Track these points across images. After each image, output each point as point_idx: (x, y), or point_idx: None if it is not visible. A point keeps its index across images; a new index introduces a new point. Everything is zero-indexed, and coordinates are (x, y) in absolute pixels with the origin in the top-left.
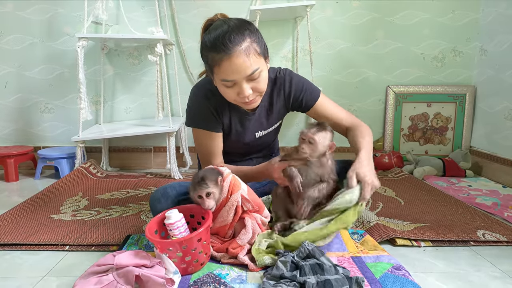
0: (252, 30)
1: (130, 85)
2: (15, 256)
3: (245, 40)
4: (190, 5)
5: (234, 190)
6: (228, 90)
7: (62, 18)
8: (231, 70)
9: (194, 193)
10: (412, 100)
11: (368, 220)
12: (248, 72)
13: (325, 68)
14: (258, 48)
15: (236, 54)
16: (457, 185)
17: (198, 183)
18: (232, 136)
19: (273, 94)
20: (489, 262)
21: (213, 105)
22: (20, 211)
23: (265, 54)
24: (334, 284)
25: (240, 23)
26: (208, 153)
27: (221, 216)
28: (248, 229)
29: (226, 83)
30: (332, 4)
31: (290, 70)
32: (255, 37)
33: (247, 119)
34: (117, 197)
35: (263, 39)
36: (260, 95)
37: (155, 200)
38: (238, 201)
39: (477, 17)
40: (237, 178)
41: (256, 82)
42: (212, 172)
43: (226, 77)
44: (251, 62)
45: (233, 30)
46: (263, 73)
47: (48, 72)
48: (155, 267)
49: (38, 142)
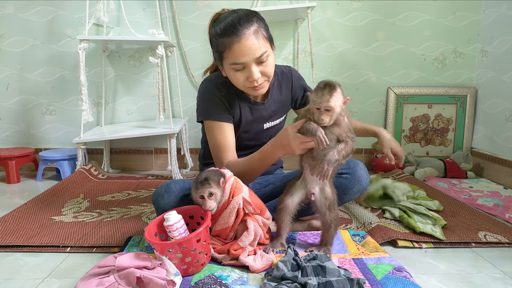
0: (259, 17)
1: (131, 87)
2: (16, 257)
3: (253, 24)
4: (191, 6)
5: (236, 193)
6: (237, 74)
7: (64, 20)
8: (241, 52)
9: (196, 193)
10: (413, 102)
11: (369, 221)
12: (257, 54)
13: (326, 69)
14: (266, 33)
15: (246, 36)
16: (458, 187)
17: (200, 183)
18: (242, 127)
19: (282, 86)
20: (491, 264)
21: (224, 96)
22: (21, 212)
23: (271, 41)
24: (336, 286)
25: (248, 11)
26: (219, 147)
27: (222, 219)
28: (250, 231)
29: (236, 66)
30: (333, 6)
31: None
32: (263, 24)
33: (256, 109)
34: (118, 199)
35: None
36: (268, 80)
37: (159, 196)
38: (240, 204)
39: (478, 18)
40: (239, 181)
41: (264, 65)
42: (214, 173)
43: (237, 60)
44: (260, 44)
45: (241, 16)
46: (271, 57)
47: (50, 74)
48: (156, 269)
49: (39, 144)
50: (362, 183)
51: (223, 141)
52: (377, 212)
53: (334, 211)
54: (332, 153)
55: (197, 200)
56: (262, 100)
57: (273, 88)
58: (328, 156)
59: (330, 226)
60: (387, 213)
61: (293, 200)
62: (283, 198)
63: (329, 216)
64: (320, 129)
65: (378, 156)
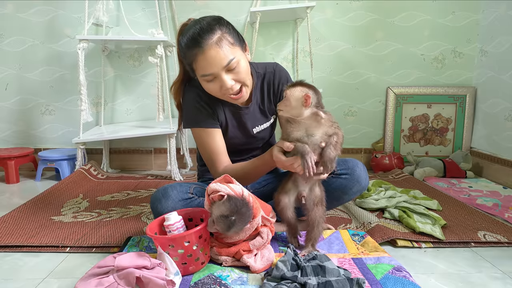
0: (222, 23)
1: (130, 87)
2: (16, 258)
3: (215, 33)
4: (191, 6)
5: (256, 214)
6: (210, 85)
7: (63, 20)
8: (207, 63)
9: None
10: (412, 101)
11: (369, 221)
12: (223, 63)
13: (325, 69)
14: (231, 38)
15: (208, 47)
16: (458, 186)
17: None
18: (229, 133)
19: (264, 88)
20: (490, 263)
21: (205, 102)
22: (20, 213)
23: (241, 43)
24: (335, 286)
25: (211, 19)
26: (211, 153)
27: (237, 236)
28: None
29: (206, 78)
30: (332, 6)
31: (281, 66)
32: (226, 29)
33: (241, 114)
34: (117, 199)
35: (236, 30)
36: (245, 85)
37: (156, 200)
38: (259, 224)
39: (477, 18)
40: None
41: (236, 72)
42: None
43: (205, 72)
44: (225, 52)
45: (203, 27)
46: (242, 62)
47: (49, 74)
48: (156, 269)
49: (38, 144)
50: (361, 183)
51: (214, 147)
52: (377, 212)
53: (321, 208)
54: (330, 151)
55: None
56: (246, 105)
57: (255, 90)
58: (329, 156)
59: (318, 223)
60: (386, 213)
61: (290, 199)
62: (280, 198)
63: (316, 212)
64: (311, 153)
65: (377, 156)
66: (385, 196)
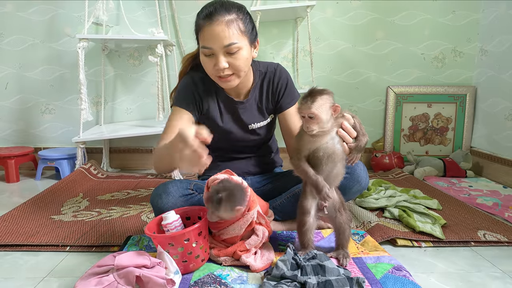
0: (242, 11)
1: (130, 86)
2: (16, 257)
3: (230, 14)
4: (191, 5)
5: (252, 207)
6: (206, 59)
7: (63, 19)
8: (210, 36)
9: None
10: (412, 101)
11: (369, 220)
12: (225, 42)
13: (326, 68)
14: (243, 26)
15: (217, 22)
16: (458, 186)
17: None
18: (225, 124)
19: (263, 87)
20: (490, 263)
21: (198, 91)
22: (20, 212)
23: (250, 36)
24: (335, 285)
25: (235, 2)
26: (167, 128)
27: (233, 229)
28: (259, 236)
29: (205, 51)
30: (333, 5)
31: (282, 67)
32: (243, 17)
33: (236, 108)
34: (117, 198)
35: (254, 25)
36: (237, 75)
37: (157, 196)
38: (254, 217)
39: (477, 17)
40: (254, 193)
41: (233, 58)
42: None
43: (205, 43)
44: (230, 34)
45: (223, 4)
46: (243, 51)
47: (49, 73)
48: (156, 268)
49: (38, 143)
50: (361, 183)
51: (173, 124)
52: (377, 211)
53: (345, 212)
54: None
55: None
56: (241, 99)
57: (255, 88)
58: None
59: (344, 228)
60: (386, 212)
61: (313, 217)
62: (305, 220)
63: (340, 218)
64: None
65: (377, 155)
66: (385, 195)
